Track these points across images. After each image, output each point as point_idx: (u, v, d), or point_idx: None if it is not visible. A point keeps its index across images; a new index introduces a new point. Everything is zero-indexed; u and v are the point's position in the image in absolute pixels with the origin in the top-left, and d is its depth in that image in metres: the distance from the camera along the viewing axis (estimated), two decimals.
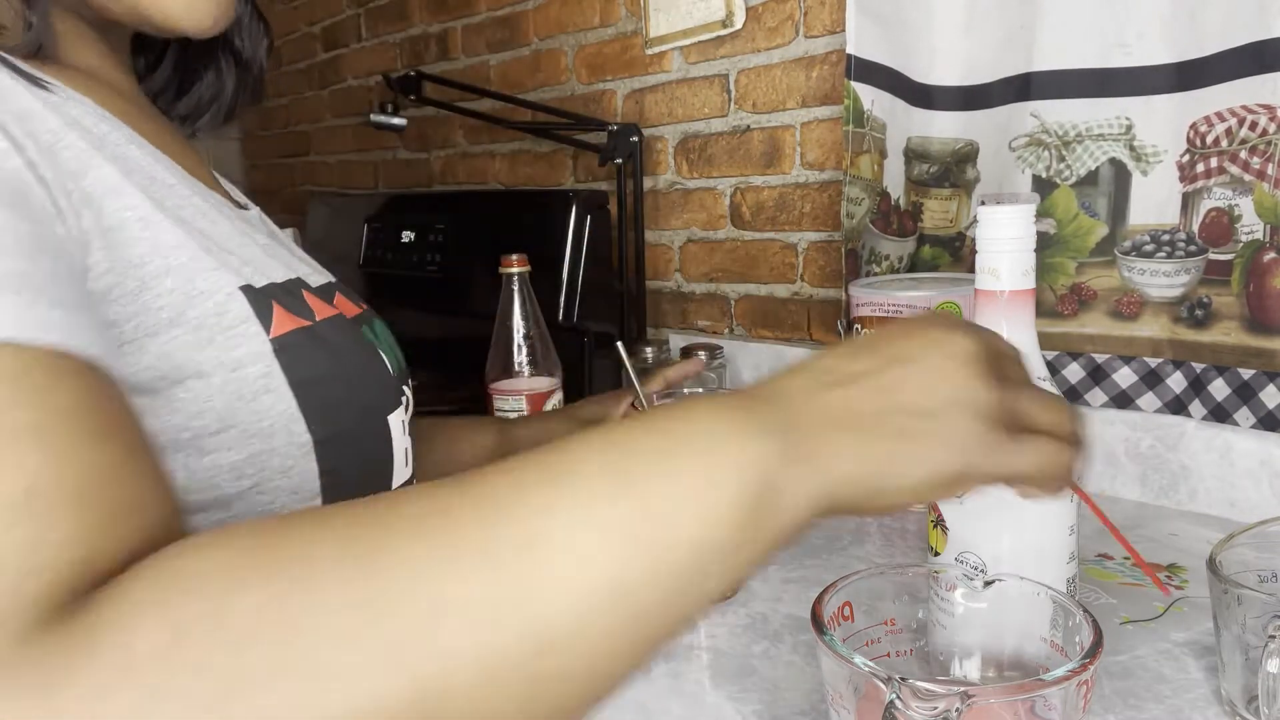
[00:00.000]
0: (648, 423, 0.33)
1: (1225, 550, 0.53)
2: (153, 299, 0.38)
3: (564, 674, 0.27)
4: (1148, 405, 0.87)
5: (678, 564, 0.29)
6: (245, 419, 0.40)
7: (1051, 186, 0.90)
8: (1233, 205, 0.80)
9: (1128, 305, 0.88)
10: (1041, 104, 0.89)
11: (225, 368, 0.39)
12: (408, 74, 1.47)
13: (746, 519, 0.31)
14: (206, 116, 0.62)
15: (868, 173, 1.01)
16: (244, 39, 0.61)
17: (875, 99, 0.99)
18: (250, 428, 0.40)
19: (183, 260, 0.39)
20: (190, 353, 0.38)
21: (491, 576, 0.27)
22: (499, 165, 1.67)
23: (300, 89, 2.22)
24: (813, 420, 0.34)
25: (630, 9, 1.34)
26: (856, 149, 1.00)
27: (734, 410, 0.33)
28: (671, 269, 1.36)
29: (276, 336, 0.42)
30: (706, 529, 0.30)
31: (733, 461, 0.31)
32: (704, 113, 1.26)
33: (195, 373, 0.38)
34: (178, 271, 0.39)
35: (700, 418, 0.33)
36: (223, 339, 0.39)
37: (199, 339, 0.39)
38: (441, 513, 0.28)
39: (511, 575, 0.27)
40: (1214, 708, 0.54)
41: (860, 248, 1.05)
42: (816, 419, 0.34)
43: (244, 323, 0.40)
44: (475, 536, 0.27)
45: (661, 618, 0.30)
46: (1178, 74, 0.82)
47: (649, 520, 0.29)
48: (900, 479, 0.34)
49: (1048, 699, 0.39)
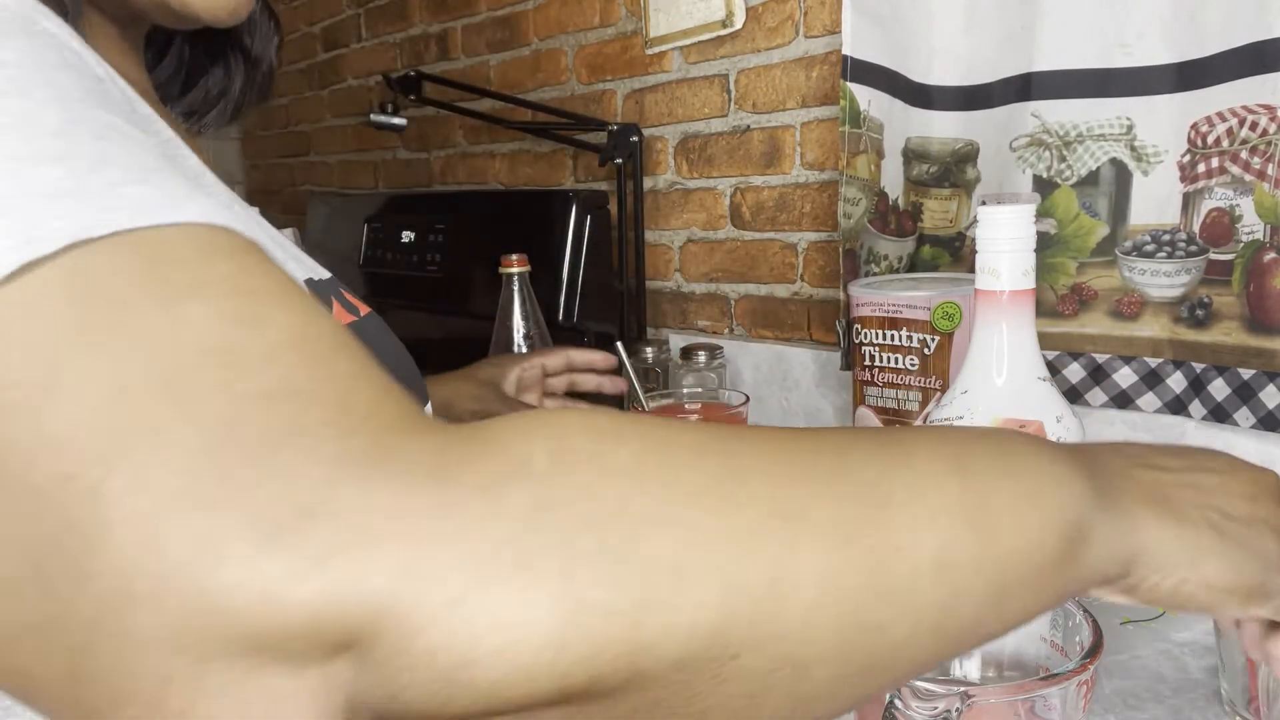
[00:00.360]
0: (972, 430, 0.33)
1: None
2: None
3: (883, 627, 0.27)
4: (1148, 405, 0.87)
5: (998, 566, 0.29)
6: None
7: (1052, 186, 0.90)
8: (1233, 205, 0.80)
9: (1128, 305, 0.88)
10: (1042, 104, 0.89)
11: None
12: (408, 74, 1.47)
13: (1062, 550, 0.30)
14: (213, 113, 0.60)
15: (865, 173, 1.01)
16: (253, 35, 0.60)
17: (872, 99, 0.99)
18: None
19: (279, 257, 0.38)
20: None
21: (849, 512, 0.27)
22: (499, 165, 1.67)
23: (300, 89, 2.23)
24: (1128, 488, 0.33)
25: (630, 9, 1.34)
26: (853, 149, 1.00)
27: (1053, 448, 0.33)
28: (671, 269, 1.36)
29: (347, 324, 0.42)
30: (1029, 544, 0.30)
31: (1062, 488, 0.31)
32: (704, 113, 1.26)
33: None
34: None
35: (1023, 441, 0.32)
36: None
37: None
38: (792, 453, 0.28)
39: (864, 513, 0.27)
40: (1214, 708, 0.54)
41: (859, 248, 1.05)
42: (1132, 488, 0.33)
43: None
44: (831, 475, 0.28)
45: (970, 614, 0.29)
46: (1179, 74, 0.82)
47: (983, 511, 0.29)
48: (1205, 571, 0.33)
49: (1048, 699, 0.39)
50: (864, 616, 0.27)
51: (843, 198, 1.01)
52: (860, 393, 0.92)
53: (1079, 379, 0.91)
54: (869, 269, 1.09)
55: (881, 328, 0.89)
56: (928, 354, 0.86)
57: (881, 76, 1.00)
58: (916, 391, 0.88)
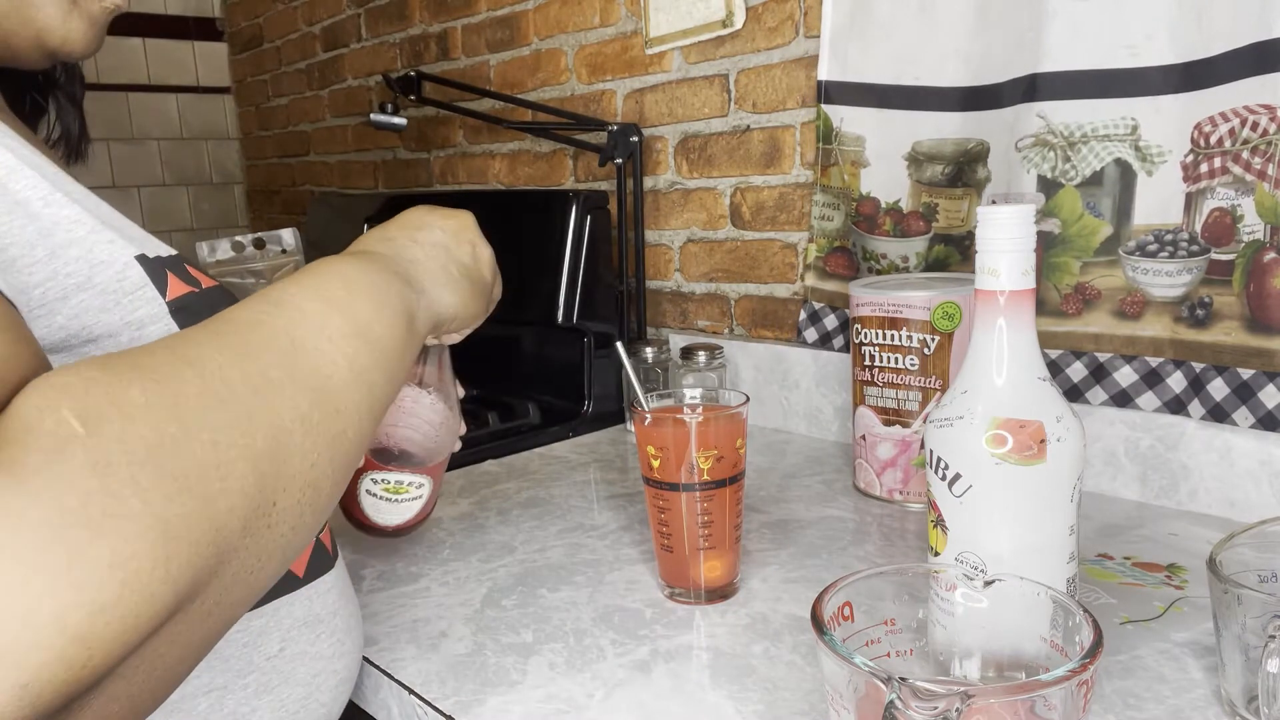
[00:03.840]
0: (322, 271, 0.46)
1: (1225, 550, 0.53)
2: (61, 265, 0.42)
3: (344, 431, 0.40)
4: (1147, 404, 0.87)
5: (383, 356, 0.45)
6: None
7: (1057, 187, 0.90)
8: (1235, 205, 0.80)
9: (1131, 305, 0.87)
10: (1048, 104, 0.89)
11: (130, 327, 0.44)
12: (408, 74, 1.47)
13: (406, 329, 0.48)
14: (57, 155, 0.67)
15: (837, 182, 1.09)
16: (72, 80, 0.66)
17: (845, 117, 1.08)
18: None
19: (82, 233, 0.43)
20: (97, 315, 0.43)
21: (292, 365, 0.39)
22: (499, 165, 1.66)
23: (300, 89, 2.22)
24: (417, 273, 0.54)
25: (630, 9, 1.34)
26: (825, 163, 1.10)
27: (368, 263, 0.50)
28: (671, 269, 1.36)
29: (172, 299, 0.46)
30: (392, 336, 0.46)
31: (392, 292, 0.49)
32: (704, 113, 1.26)
33: (105, 332, 0.43)
34: (80, 242, 0.43)
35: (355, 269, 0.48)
36: (127, 302, 0.44)
37: (105, 302, 0.43)
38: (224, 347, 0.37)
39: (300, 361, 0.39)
40: (1214, 708, 0.54)
41: (851, 246, 1.09)
42: (419, 271, 0.54)
43: (141, 288, 0.45)
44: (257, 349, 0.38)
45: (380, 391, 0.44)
46: (1183, 75, 0.82)
47: (363, 327, 0.44)
48: (465, 311, 0.58)
49: (1048, 699, 0.39)
50: (331, 426, 0.39)
51: (814, 202, 1.12)
52: (860, 392, 0.92)
53: (1080, 378, 0.91)
54: (870, 266, 1.09)
55: (881, 328, 0.89)
56: (928, 354, 0.86)
57: (870, 92, 1.05)
58: (916, 391, 0.88)
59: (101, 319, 0.43)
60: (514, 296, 1.39)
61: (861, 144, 1.07)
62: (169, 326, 0.45)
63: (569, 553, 0.81)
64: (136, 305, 0.44)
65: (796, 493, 0.95)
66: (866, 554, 0.79)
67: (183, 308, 0.46)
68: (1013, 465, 0.53)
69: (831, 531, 0.84)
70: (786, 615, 0.68)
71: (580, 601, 0.72)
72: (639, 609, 0.70)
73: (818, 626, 0.43)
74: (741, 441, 0.69)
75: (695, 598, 0.71)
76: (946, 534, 0.56)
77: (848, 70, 1.06)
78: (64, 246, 0.42)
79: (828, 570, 0.75)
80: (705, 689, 0.59)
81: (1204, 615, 0.64)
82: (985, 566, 0.54)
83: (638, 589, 0.74)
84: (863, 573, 0.48)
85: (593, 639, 0.66)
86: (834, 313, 1.13)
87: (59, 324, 0.42)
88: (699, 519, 0.69)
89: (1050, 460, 0.53)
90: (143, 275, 0.45)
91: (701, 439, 0.67)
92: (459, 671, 0.62)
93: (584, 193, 1.31)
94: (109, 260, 0.44)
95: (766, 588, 0.73)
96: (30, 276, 0.40)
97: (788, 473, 1.02)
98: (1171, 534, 0.80)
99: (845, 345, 1.11)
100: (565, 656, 0.63)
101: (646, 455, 0.69)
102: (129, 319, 0.44)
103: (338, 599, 0.57)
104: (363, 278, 0.47)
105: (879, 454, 0.91)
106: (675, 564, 0.71)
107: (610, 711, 0.57)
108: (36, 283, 0.41)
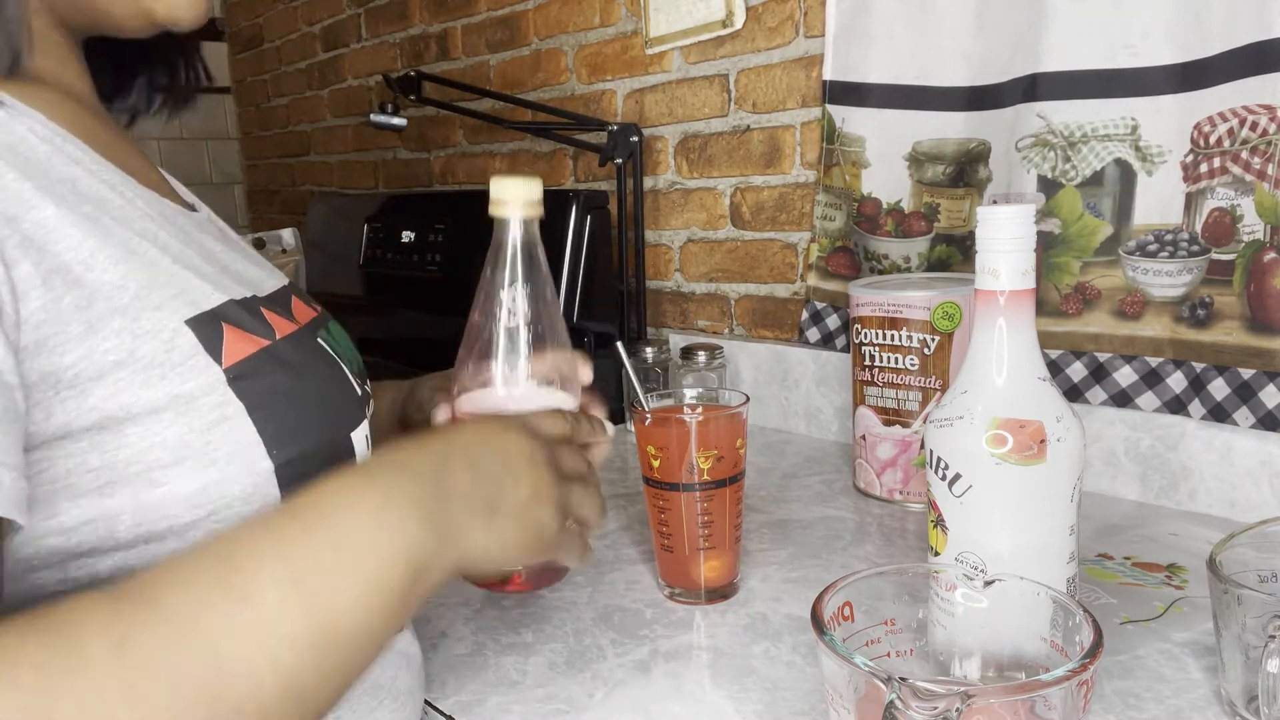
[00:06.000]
0: (316, 515, 0.37)
1: (1225, 550, 0.53)
2: (99, 342, 0.37)
3: None
4: (1147, 404, 0.87)
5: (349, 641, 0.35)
6: (199, 450, 0.39)
7: (1057, 187, 0.90)
8: (1235, 205, 0.80)
9: (1131, 305, 0.87)
10: (1048, 104, 0.89)
11: (179, 401, 0.39)
12: (408, 74, 1.47)
13: (407, 585, 0.38)
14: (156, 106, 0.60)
15: (839, 182, 1.09)
16: None
17: (846, 117, 1.07)
18: (205, 458, 0.39)
19: (125, 301, 0.38)
20: (139, 391, 0.38)
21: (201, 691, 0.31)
22: (499, 165, 1.66)
23: (300, 89, 2.22)
24: (450, 512, 0.41)
25: (630, 9, 1.34)
26: (828, 162, 1.09)
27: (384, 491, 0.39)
28: (671, 269, 1.36)
29: (231, 365, 0.41)
30: (380, 602, 0.37)
31: (398, 539, 0.38)
32: (704, 113, 1.26)
33: (147, 409, 0.38)
34: (123, 312, 0.38)
35: (351, 500, 0.38)
36: (174, 375, 0.39)
37: (149, 377, 0.38)
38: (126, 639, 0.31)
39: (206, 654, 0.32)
40: (1214, 708, 0.54)
41: (853, 246, 1.09)
42: (454, 511, 0.41)
43: (193, 356, 0.40)
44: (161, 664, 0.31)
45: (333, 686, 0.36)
46: (1183, 74, 0.82)
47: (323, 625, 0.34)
48: (503, 553, 0.44)
49: (1048, 699, 0.39)
50: None
51: (817, 202, 1.11)
52: (860, 393, 0.92)
53: (1080, 378, 0.91)
54: (871, 266, 1.09)
55: (881, 328, 0.89)
56: (928, 354, 0.86)
57: (872, 92, 1.05)
58: (916, 391, 0.88)
59: (143, 395, 0.38)
60: None
61: (862, 144, 1.07)
62: (224, 397, 0.40)
63: None
64: (185, 377, 0.39)
65: (796, 493, 0.95)
66: (866, 554, 0.79)
67: (244, 372, 0.41)
68: (1013, 465, 0.53)
69: (831, 531, 0.84)
70: (786, 615, 0.68)
71: (580, 601, 0.72)
72: (639, 609, 0.70)
73: (818, 626, 0.43)
74: (741, 441, 0.69)
75: (695, 598, 0.71)
76: (946, 534, 0.56)
77: (850, 70, 1.06)
78: (104, 318, 0.37)
79: (828, 570, 0.75)
80: (705, 689, 0.59)
81: (1204, 615, 0.64)
82: (985, 566, 0.54)
83: (638, 589, 0.74)
84: (863, 573, 0.48)
85: (593, 639, 0.66)
86: (836, 313, 1.13)
87: (91, 405, 0.37)
88: (699, 519, 0.69)
89: (1050, 460, 0.53)
90: (194, 342, 0.40)
91: (701, 439, 0.67)
92: (459, 671, 0.62)
93: (584, 193, 1.31)
94: (155, 330, 0.39)
95: (766, 588, 0.73)
96: (62, 358, 0.36)
97: (788, 473, 1.02)
98: (1171, 534, 0.80)
99: (847, 345, 1.11)
100: (565, 656, 0.63)
101: (646, 455, 0.69)
102: (177, 392, 0.39)
103: (397, 661, 0.52)
104: (369, 526, 0.37)
105: (879, 454, 0.91)
106: (675, 564, 0.71)
107: (610, 711, 0.57)
108: (68, 364, 0.36)
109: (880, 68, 1.03)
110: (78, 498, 0.37)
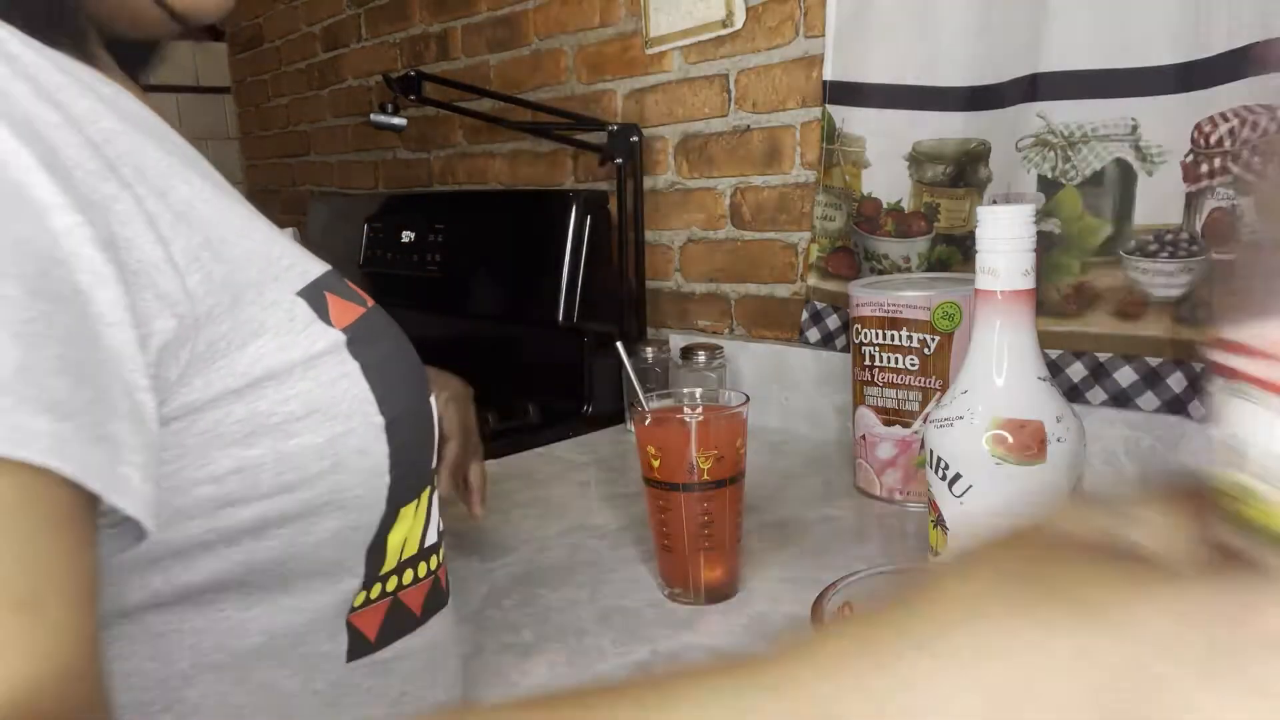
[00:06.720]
0: None
1: None
2: (240, 311, 0.39)
3: None
4: (1147, 405, 0.87)
5: None
6: (326, 405, 0.42)
7: (1057, 186, 0.90)
8: (1235, 205, 0.80)
9: (1131, 305, 0.87)
10: (1048, 104, 0.89)
11: (309, 359, 0.42)
12: (408, 74, 1.47)
13: None
14: None
15: (839, 182, 1.09)
16: None
17: (846, 117, 1.07)
18: (331, 411, 0.42)
19: (253, 275, 0.40)
20: (278, 355, 0.41)
21: None
22: (499, 165, 1.66)
23: (300, 89, 2.22)
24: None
25: (630, 9, 1.34)
26: (828, 163, 1.09)
27: None
28: (671, 269, 1.36)
29: (344, 327, 0.44)
30: None
31: None
32: (704, 113, 1.26)
33: (285, 369, 0.41)
34: (254, 285, 0.40)
35: None
36: (303, 339, 0.42)
37: (281, 343, 0.41)
38: None
39: None
40: None
41: (853, 246, 1.09)
42: None
43: (312, 323, 0.43)
44: None
45: None
46: (1183, 75, 0.82)
47: None
48: None
49: None
50: None
51: (817, 203, 1.11)
52: (860, 393, 0.92)
53: (1080, 378, 0.90)
54: (871, 266, 1.09)
55: (881, 328, 0.89)
56: (928, 354, 0.86)
57: (872, 92, 1.05)
58: (916, 391, 0.88)
59: (281, 358, 0.41)
60: (514, 296, 1.39)
61: (862, 144, 1.07)
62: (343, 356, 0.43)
63: (569, 553, 0.81)
64: (311, 340, 0.42)
65: (796, 493, 0.95)
66: (866, 554, 0.79)
67: (355, 335, 0.44)
68: (1013, 465, 0.53)
69: (831, 531, 0.84)
70: (786, 615, 0.68)
71: (580, 601, 0.72)
72: (639, 609, 0.70)
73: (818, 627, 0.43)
74: (742, 442, 0.69)
75: (695, 598, 0.71)
76: (946, 534, 0.56)
77: (850, 70, 1.06)
78: (242, 289, 0.39)
79: (828, 570, 0.75)
80: None
81: None
82: None
83: (638, 589, 0.74)
84: (863, 573, 0.48)
85: (593, 639, 0.66)
86: (836, 313, 1.13)
87: (241, 369, 0.39)
88: (699, 519, 0.69)
89: (1050, 460, 0.53)
90: (309, 311, 0.43)
91: (701, 439, 0.67)
92: None
93: (584, 193, 1.31)
94: (277, 300, 0.41)
95: (766, 588, 0.73)
96: (219, 326, 0.38)
97: (788, 473, 1.02)
98: None
99: (847, 345, 1.11)
100: (565, 656, 0.63)
101: (646, 455, 0.69)
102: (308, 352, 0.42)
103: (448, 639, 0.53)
104: None
105: (879, 454, 0.91)
106: (675, 564, 0.71)
107: None
108: (223, 333, 0.38)
109: (880, 68, 1.04)
110: (227, 447, 0.39)
